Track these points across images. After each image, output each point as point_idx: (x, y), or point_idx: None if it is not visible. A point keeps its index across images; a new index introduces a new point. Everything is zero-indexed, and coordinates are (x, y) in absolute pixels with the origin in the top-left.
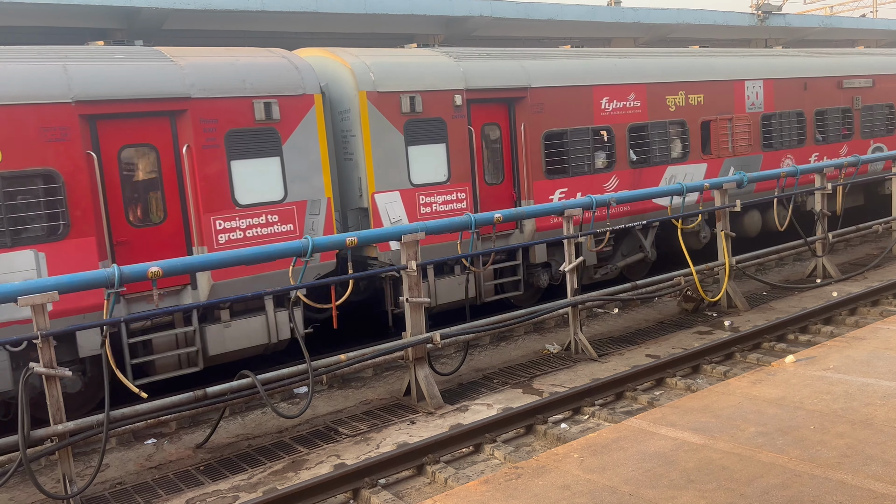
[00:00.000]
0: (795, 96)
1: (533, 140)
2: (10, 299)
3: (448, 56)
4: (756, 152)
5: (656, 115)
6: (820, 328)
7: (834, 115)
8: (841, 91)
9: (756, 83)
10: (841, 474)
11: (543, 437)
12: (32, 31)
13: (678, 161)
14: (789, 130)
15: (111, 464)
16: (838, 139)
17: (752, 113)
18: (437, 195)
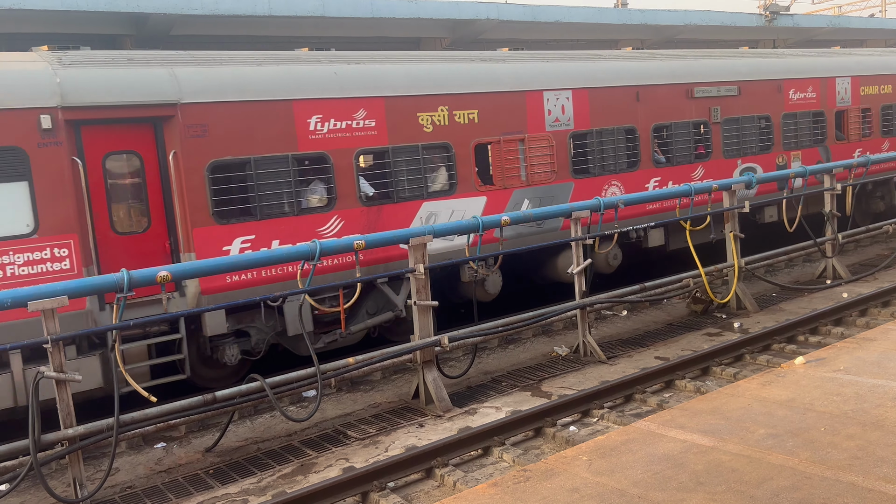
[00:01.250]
0: (623, 109)
1: (193, 173)
2: (21, 303)
3: (44, 61)
4: (564, 180)
5: (402, 137)
6: (830, 329)
7: (682, 131)
8: (692, 101)
9: (561, 94)
10: (852, 476)
11: (552, 440)
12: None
13: (441, 195)
14: (615, 151)
15: (121, 468)
16: (689, 160)
17: (558, 131)
18: (13, 253)
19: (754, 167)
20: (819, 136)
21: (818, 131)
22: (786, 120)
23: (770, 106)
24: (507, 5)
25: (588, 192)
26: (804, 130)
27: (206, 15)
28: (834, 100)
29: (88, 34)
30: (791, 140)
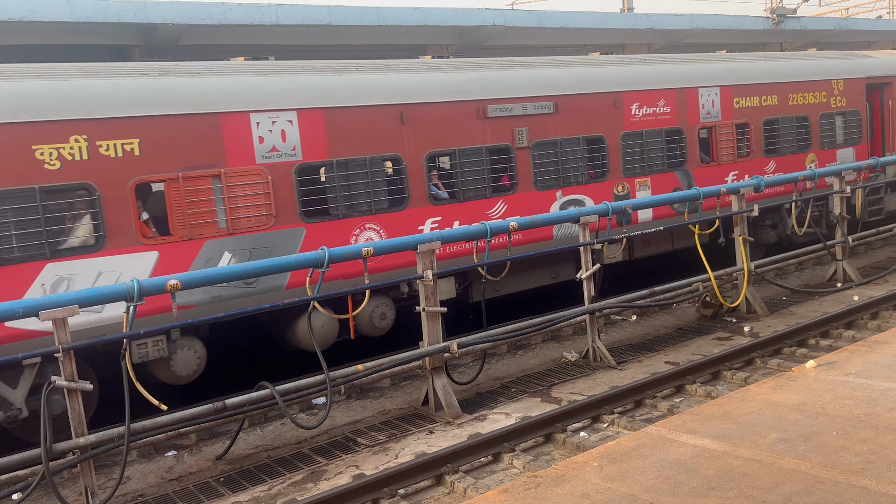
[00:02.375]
0: (382, 134)
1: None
2: (33, 313)
3: None
4: (290, 224)
5: (10, 177)
6: (841, 333)
7: (473, 160)
8: (486, 122)
9: (281, 117)
10: (864, 480)
11: (562, 446)
12: (52, 49)
13: (79, 252)
14: (370, 188)
15: (132, 476)
16: (485, 194)
17: (276, 164)
18: None
19: (581, 199)
20: (676, 158)
21: (675, 153)
22: (627, 141)
23: (604, 125)
24: (513, 11)
25: (328, 239)
26: (654, 153)
27: (215, 25)
28: (696, 115)
29: (98, 45)
30: (635, 165)
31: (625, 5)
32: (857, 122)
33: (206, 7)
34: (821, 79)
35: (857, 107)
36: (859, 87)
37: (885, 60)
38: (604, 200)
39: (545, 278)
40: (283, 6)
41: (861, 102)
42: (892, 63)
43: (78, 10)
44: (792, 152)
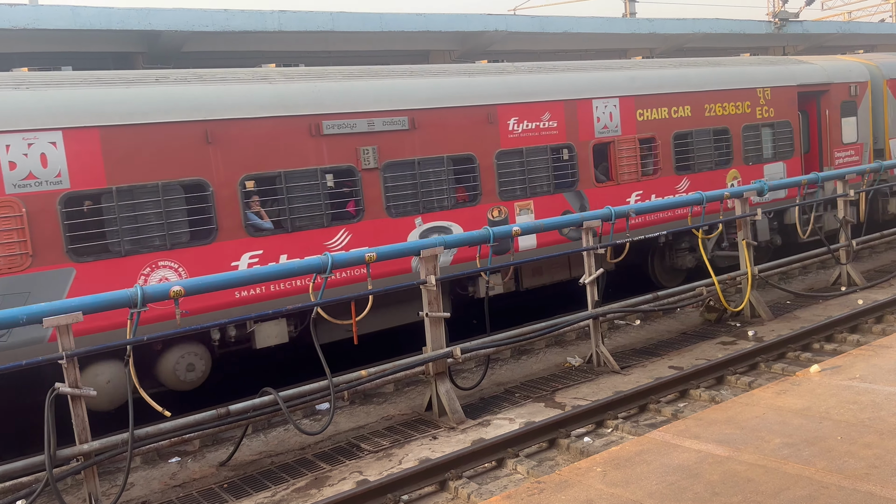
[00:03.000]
0: (181, 156)
1: None
2: (36, 320)
3: None
4: (53, 265)
5: None
6: (846, 337)
7: (304, 183)
8: (322, 140)
9: (39, 138)
10: (869, 486)
11: (566, 451)
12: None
13: None
14: (166, 219)
15: (136, 482)
16: (322, 223)
17: (33, 194)
18: None
19: (448, 226)
20: (566, 178)
21: (564, 172)
22: (504, 160)
23: (475, 142)
24: (515, 17)
25: (106, 280)
26: (538, 172)
27: (218, 31)
28: (590, 129)
29: (102, 52)
30: (515, 186)
31: (627, 10)
32: (787, 134)
33: (210, 14)
34: (744, 87)
35: (788, 117)
36: (790, 95)
37: (822, 67)
38: (479, 226)
39: (413, 315)
40: (286, 13)
41: (792, 112)
42: (829, 69)
43: (82, 17)
44: (710, 168)
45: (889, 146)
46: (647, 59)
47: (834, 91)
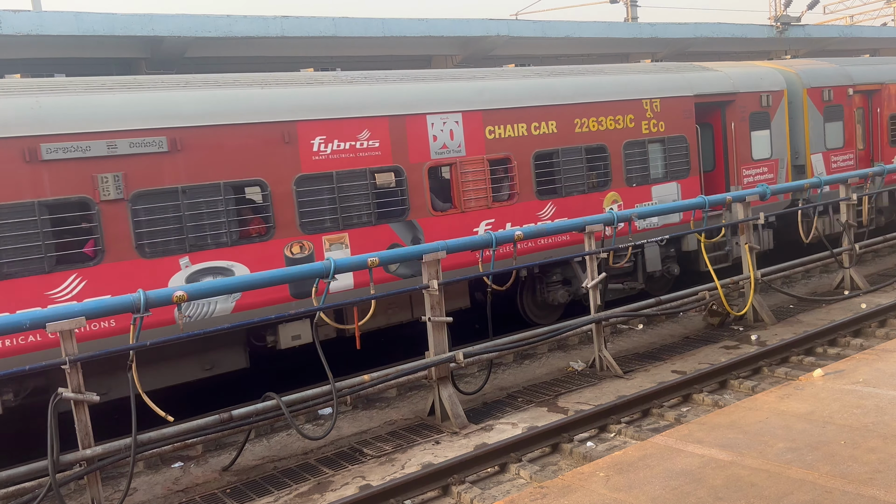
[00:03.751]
0: None
1: None
2: (40, 325)
3: None
4: None
5: None
6: (849, 341)
7: (18, 220)
8: (41, 167)
9: None
10: (873, 490)
11: (569, 456)
12: (59, 63)
13: None
14: None
15: (139, 487)
16: (39, 268)
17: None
18: None
19: (228, 267)
20: (393, 205)
21: (390, 199)
22: (307, 187)
23: (266, 165)
24: (517, 21)
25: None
26: (354, 200)
27: (220, 37)
28: (425, 149)
29: (105, 58)
30: (322, 217)
31: (629, 14)
32: (682, 150)
33: (212, 20)
34: (625, 98)
35: (683, 131)
36: (685, 107)
37: (727, 74)
38: (272, 265)
39: (195, 370)
40: (289, 18)
41: (688, 126)
42: (735, 77)
43: (85, 23)
44: (582, 191)
45: (811, 162)
46: (504, 69)
47: (741, 101)
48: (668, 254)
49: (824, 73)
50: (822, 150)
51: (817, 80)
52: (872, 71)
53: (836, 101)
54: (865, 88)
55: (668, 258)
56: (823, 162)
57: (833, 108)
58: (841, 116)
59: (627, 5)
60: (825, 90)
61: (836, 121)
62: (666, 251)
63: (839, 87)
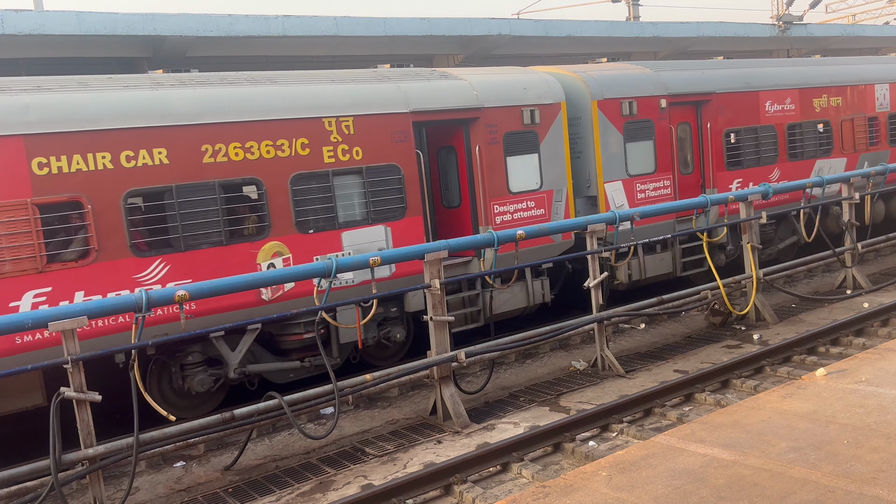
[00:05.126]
0: None
1: None
2: (42, 324)
3: None
4: None
5: None
6: (851, 340)
7: None
8: None
9: None
10: (876, 490)
11: (571, 455)
12: (61, 63)
13: None
14: None
15: (141, 487)
16: None
17: None
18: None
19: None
20: None
21: None
22: None
23: None
24: (518, 21)
25: None
26: None
27: (222, 36)
28: None
29: (107, 57)
30: None
31: (631, 13)
32: (392, 184)
33: (214, 19)
34: (293, 117)
35: (395, 159)
36: (396, 127)
37: (468, 83)
38: None
39: None
40: (290, 18)
41: (403, 152)
42: (479, 87)
43: (87, 23)
44: (217, 243)
45: (604, 192)
46: (80, 77)
47: (489, 118)
48: (390, 314)
49: (625, 81)
50: (622, 177)
51: (613, 90)
52: (698, 77)
53: (643, 116)
54: (690, 99)
55: (390, 320)
56: (625, 191)
57: (638, 125)
58: (651, 134)
59: (629, 4)
60: (625, 102)
61: (644, 140)
62: (387, 310)
63: (647, 98)
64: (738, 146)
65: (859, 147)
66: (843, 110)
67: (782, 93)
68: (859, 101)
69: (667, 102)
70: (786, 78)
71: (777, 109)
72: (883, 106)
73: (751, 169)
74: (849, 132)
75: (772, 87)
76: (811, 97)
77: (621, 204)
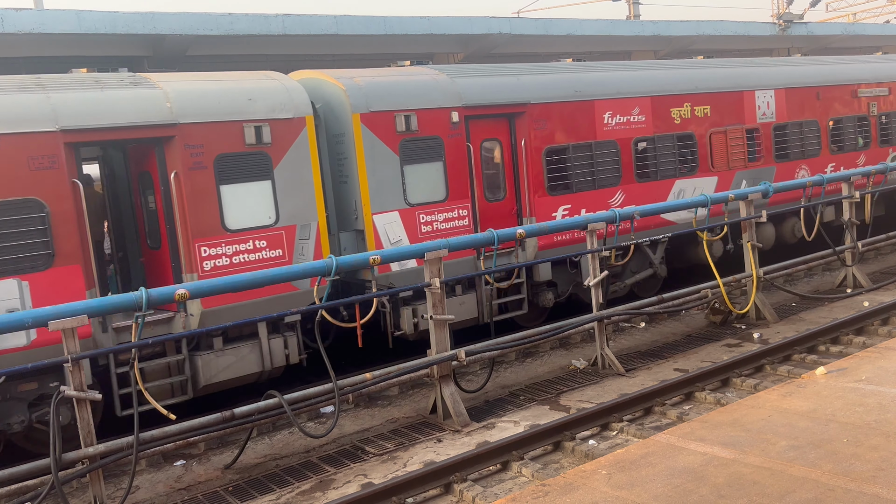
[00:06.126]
0: None
1: None
2: (42, 323)
3: None
4: None
5: None
6: (851, 339)
7: None
8: None
9: None
10: (876, 488)
11: (571, 454)
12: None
13: None
14: None
15: (141, 486)
16: None
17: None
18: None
19: None
20: None
21: None
22: None
23: None
24: (519, 19)
25: None
26: None
27: (222, 35)
28: None
29: (107, 56)
30: None
31: (631, 12)
32: (30, 223)
33: (214, 18)
34: None
35: (36, 191)
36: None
37: (163, 93)
38: None
39: None
40: (290, 16)
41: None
42: (176, 98)
43: (86, 21)
44: None
45: (373, 224)
46: None
47: (189, 137)
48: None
49: (402, 90)
50: (398, 207)
51: (384, 101)
52: (508, 84)
53: (428, 132)
54: (498, 111)
55: None
56: (403, 224)
57: (421, 143)
58: (439, 154)
59: (629, 3)
60: (401, 116)
61: (430, 161)
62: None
63: (433, 111)
64: (564, 166)
65: (735, 164)
66: (713, 121)
67: (627, 102)
68: (735, 111)
69: (461, 116)
70: (632, 84)
71: (620, 122)
72: (766, 116)
73: (583, 193)
74: (721, 147)
75: (612, 96)
76: (668, 106)
77: (398, 239)
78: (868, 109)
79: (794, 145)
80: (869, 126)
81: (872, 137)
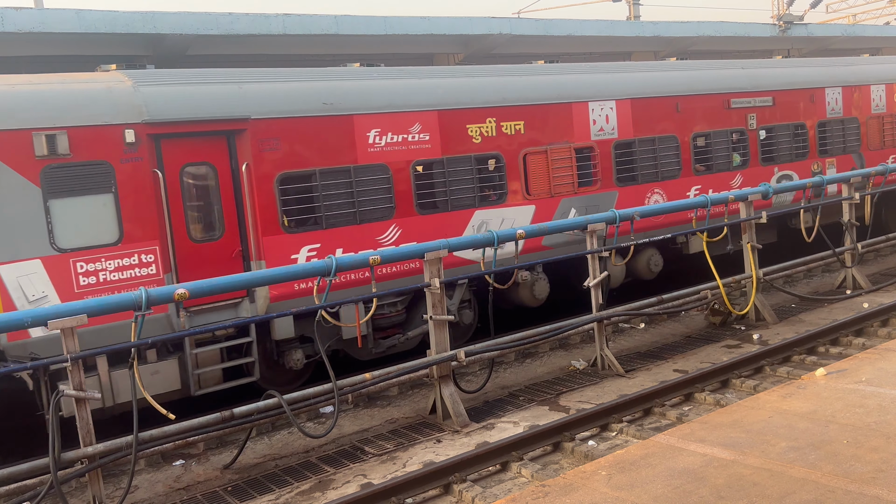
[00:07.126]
0: None
1: None
2: (41, 322)
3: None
4: None
5: None
6: (851, 340)
7: None
8: None
9: None
10: (876, 489)
11: (571, 455)
12: (61, 60)
13: None
14: None
15: (140, 485)
16: None
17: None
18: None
19: None
20: None
21: None
22: None
23: None
24: (519, 20)
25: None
26: None
27: (222, 35)
28: None
29: (107, 55)
30: None
31: (631, 13)
32: None
33: (214, 17)
34: None
35: None
36: None
37: None
38: None
39: None
40: (290, 16)
41: None
42: None
43: (87, 21)
44: None
45: None
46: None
47: None
48: None
49: (47, 101)
50: (42, 254)
51: (16, 117)
52: (221, 94)
53: (88, 156)
54: (207, 127)
55: None
56: (49, 275)
57: (76, 170)
58: (108, 185)
59: (630, 4)
60: (41, 136)
61: (93, 193)
62: None
63: (95, 129)
64: (310, 196)
65: (560, 189)
66: (528, 139)
67: (403, 116)
68: (560, 126)
69: (142, 134)
70: (411, 95)
71: (394, 141)
72: (605, 132)
73: (340, 229)
74: (539, 170)
75: (381, 110)
76: (464, 122)
77: (41, 296)
78: (746, 122)
79: (644, 166)
80: (747, 142)
81: (752, 154)
